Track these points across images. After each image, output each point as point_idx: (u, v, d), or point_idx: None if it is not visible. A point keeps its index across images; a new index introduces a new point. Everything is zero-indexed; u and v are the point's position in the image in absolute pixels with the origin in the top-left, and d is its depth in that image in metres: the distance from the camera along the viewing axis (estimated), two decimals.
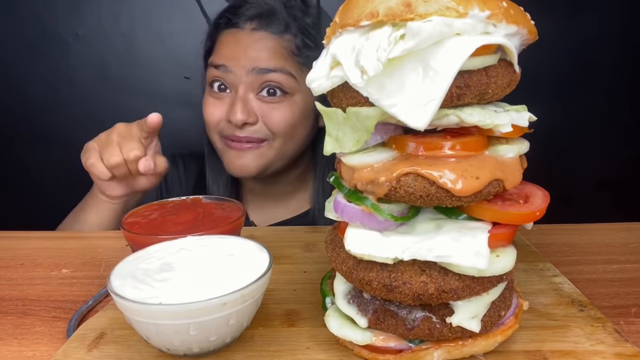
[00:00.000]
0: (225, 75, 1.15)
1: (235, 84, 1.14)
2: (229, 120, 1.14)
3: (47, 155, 1.88)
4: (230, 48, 1.15)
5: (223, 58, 1.15)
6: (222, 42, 1.18)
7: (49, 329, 0.68)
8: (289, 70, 1.14)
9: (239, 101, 1.13)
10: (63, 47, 1.85)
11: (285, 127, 1.15)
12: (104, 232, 1.07)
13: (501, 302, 0.56)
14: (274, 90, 1.14)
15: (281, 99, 1.15)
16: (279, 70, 1.13)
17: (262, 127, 1.15)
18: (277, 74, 1.13)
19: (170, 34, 1.80)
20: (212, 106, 1.18)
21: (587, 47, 1.91)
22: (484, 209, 0.52)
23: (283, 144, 1.18)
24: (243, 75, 1.13)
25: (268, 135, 1.16)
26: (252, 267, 0.59)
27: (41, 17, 1.83)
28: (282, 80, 1.13)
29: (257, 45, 1.13)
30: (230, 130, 1.15)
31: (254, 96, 1.14)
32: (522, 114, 0.53)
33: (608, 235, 0.93)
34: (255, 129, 1.15)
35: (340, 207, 0.56)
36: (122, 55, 1.87)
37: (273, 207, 1.31)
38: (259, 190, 1.33)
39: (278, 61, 1.13)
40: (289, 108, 1.15)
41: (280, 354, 0.58)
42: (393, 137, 0.54)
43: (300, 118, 1.18)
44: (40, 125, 1.85)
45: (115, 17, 1.83)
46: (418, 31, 0.44)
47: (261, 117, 1.14)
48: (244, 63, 1.12)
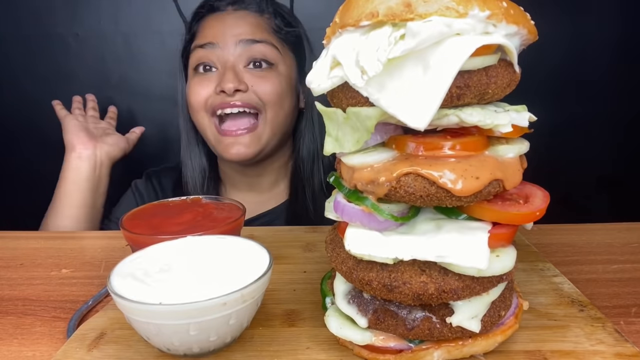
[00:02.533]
0: (211, 52, 1.19)
1: (223, 57, 1.19)
2: (221, 91, 1.16)
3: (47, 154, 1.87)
4: (214, 28, 1.21)
5: (209, 37, 1.20)
6: (205, 26, 1.23)
7: (49, 329, 0.68)
8: (272, 42, 1.21)
9: (229, 70, 1.17)
10: (63, 47, 1.85)
11: (275, 96, 1.20)
12: (104, 232, 1.08)
13: (501, 302, 0.56)
14: (259, 63, 1.20)
15: (267, 70, 1.20)
16: (264, 41, 1.20)
17: (252, 96, 1.18)
18: (262, 45, 1.19)
19: (170, 34, 1.79)
20: (199, 86, 1.21)
21: (587, 47, 1.91)
22: (484, 209, 0.52)
23: (274, 116, 1.21)
24: (230, 47, 1.18)
25: (259, 104, 1.19)
26: (252, 267, 0.59)
27: (41, 17, 1.83)
28: (266, 52, 1.20)
29: (240, 22, 1.21)
30: (220, 100, 1.17)
31: (243, 68, 1.19)
32: (522, 114, 0.53)
33: (608, 235, 0.93)
34: (246, 96, 1.17)
35: (340, 207, 0.56)
36: (122, 55, 1.87)
37: (255, 198, 1.32)
38: (242, 184, 1.35)
39: (262, 34, 1.21)
40: (276, 77, 1.21)
41: (280, 354, 0.58)
42: (393, 137, 0.54)
43: (287, 88, 1.23)
44: (40, 125, 1.84)
45: (115, 17, 1.83)
46: (418, 31, 0.44)
47: (251, 86, 1.18)
48: (230, 37, 1.19)
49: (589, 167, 1.98)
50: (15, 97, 1.89)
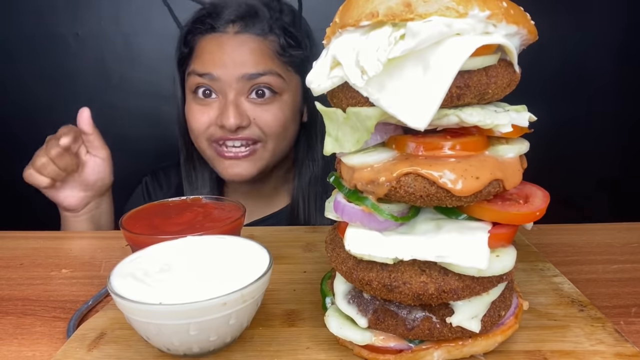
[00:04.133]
0: (211, 82, 1.13)
1: (224, 89, 1.13)
2: (222, 126, 1.12)
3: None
4: (214, 55, 1.12)
5: (207, 66, 1.12)
6: (203, 48, 1.15)
7: (49, 329, 0.68)
8: (276, 70, 1.14)
9: (230, 105, 1.11)
10: (63, 47, 1.85)
11: (278, 128, 1.16)
12: (104, 232, 1.08)
13: (501, 302, 0.56)
14: (262, 92, 1.13)
15: (271, 99, 1.14)
16: (268, 73, 1.12)
17: (254, 129, 1.14)
18: (266, 77, 1.12)
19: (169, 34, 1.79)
20: (199, 112, 1.15)
21: (588, 48, 1.91)
22: (484, 209, 0.52)
23: (276, 145, 1.18)
24: (232, 82, 1.11)
25: (261, 137, 1.15)
26: (252, 267, 0.59)
27: (41, 17, 1.83)
28: (271, 82, 1.13)
29: (242, 50, 1.11)
30: (221, 134, 1.14)
31: (245, 99, 1.14)
32: (522, 114, 0.53)
33: (608, 235, 0.93)
34: (248, 131, 1.14)
35: (340, 207, 0.56)
36: (122, 55, 1.87)
37: (257, 205, 1.31)
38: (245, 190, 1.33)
39: (265, 64, 1.12)
40: (280, 108, 1.15)
41: (280, 354, 0.58)
42: (393, 137, 0.54)
43: (291, 117, 1.18)
44: (40, 125, 1.85)
45: (115, 17, 1.83)
46: (418, 31, 0.44)
47: (253, 118, 1.14)
48: (231, 70, 1.11)
49: (589, 167, 1.98)
50: (18, 97, 1.89)
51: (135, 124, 1.89)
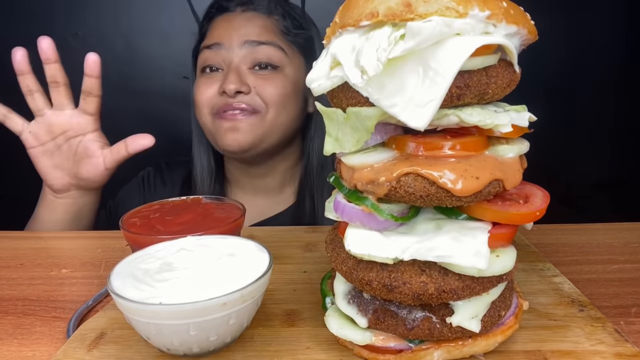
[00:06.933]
0: (217, 53, 1.19)
1: (228, 58, 1.18)
2: (223, 91, 1.15)
3: None
4: (222, 29, 1.21)
5: (216, 38, 1.20)
6: (214, 27, 1.23)
7: (49, 329, 0.68)
8: (279, 44, 1.20)
9: (232, 71, 1.16)
10: (63, 47, 1.85)
11: (278, 98, 1.18)
12: (104, 232, 1.07)
13: (501, 302, 0.56)
14: (265, 66, 1.19)
15: (273, 72, 1.19)
16: (270, 43, 1.18)
17: (255, 98, 1.17)
18: (268, 47, 1.18)
19: (170, 34, 1.80)
20: (204, 86, 1.20)
21: (588, 48, 1.91)
22: (484, 209, 0.52)
23: (276, 116, 1.19)
24: (236, 48, 1.18)
25: (261, 106, 1.18)
26: (252, 267, 0.59)
27: (41, 17, 1.83)
28: (272, 54, 1.18)
29: (248, 23, 1.20)
30: (223, 101, 1.17)
31: (247, 69, 1.18)
32: (522, 114, 0.53)
33: (608, 235, 0.93)
34: (248, 98, 1.17)
35: (340, 207, 0.56)
36: (122, 55, 1.87)
37: (261, 202, 1.31)
38: (248, 185, 1.34)
39: (269, 35, 1.19)
40: (281, 80, 1.19)
41: (280, 354, 0.58)
42: (393, 137, 0.54)
43: (292, 91, 1.21)
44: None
45: (115, 17, 1.83)
46: (418, 31, 0.44)
47: (254, 87, 1.17)
48: (236, 38, 1.18)
49: (589, 167, 1.98)
50: (17, 97, 1.89)
51: (135, 124, 1.89)
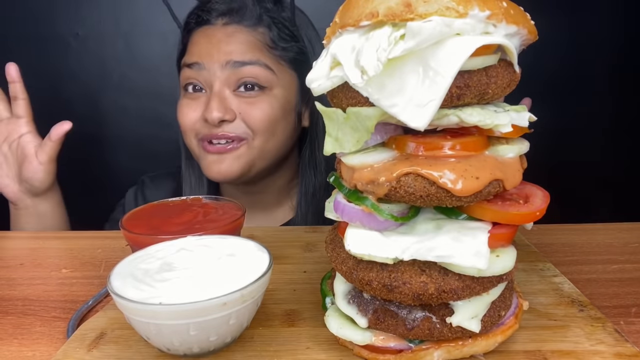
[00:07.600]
0: (199, 74, 1.10)
1: (210, 81, 1.09)
2: (205, 119, 1.08)
3: None
4: (202, 45, 1.11)
5: (195, 56, 1.11)
6: (193, 41, 1.13)
7: (49, 329, 0.68)
8: (265, 62, 1.09)
9: (214, 97, 1.07)
10: (63, 47, 1.85)
11: (265, 124, 1.10)
12: (104, 232, 1.07)
13: (501, 302, 0.56)
14: (251, 86, 1.09)
15: (259, 94, 1.10)
16: (255, 63, 1.08)
17: (240, 125, 1.09)
18: (253, 67, 1.08)
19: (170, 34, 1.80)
20: (187, 107, 1.13)
21: (588, 47, 1.91)
22: (484, 209, 0.52)
23: (264, 143, 1.11)
24: (217, 70, 1.08)
25: (247, 134, 1.10)
26: (252, 267, 0.59)
27: (41, 17, 1.83)
28: (258, 74, 1.08)
29: (230, 40, 1.09)
30: (207, 130, 1.10)
31: (231, 93, 1.09)
32: (522, 114, 0.53)
33: (608, 235, 0.93)
34: (233, 126, 1.09)
35: (340, 207, 0.56)
36: (122, 55, 1.87)
37: (258, 217, 1.27)
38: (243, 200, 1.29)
39: (253, 54, 1.09)
40: (268, 103, 1.10)
41: (280, 354, 0.58)
42: (393, 137, 0.54)
43: (281, 113, 1.12)
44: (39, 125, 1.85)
45: (115, 17, 1.83)
46: (418, 31, 0.44)
47: (239, 113, 1.09)
48: (217, 58, 1.08)
49: (589, 167, 1.98)
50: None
51: (135, 124, 1.89)
